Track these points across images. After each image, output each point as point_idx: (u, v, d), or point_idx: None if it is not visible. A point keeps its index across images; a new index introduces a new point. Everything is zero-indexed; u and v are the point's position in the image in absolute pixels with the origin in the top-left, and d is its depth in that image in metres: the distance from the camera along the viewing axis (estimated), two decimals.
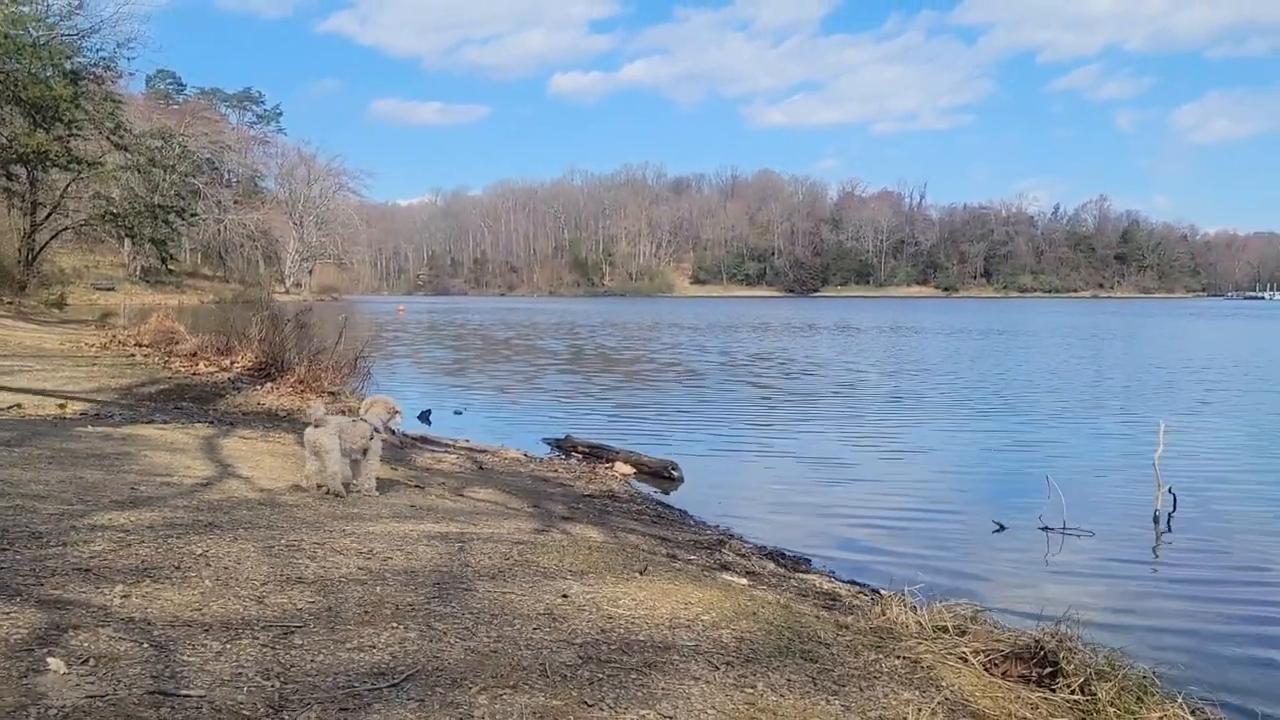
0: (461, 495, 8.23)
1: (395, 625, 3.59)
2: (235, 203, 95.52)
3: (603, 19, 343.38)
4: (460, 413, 16.63)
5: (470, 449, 11.98)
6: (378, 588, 4.06)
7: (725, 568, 6.82)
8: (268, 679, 2.97)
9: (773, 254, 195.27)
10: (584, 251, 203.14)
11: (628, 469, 11.51)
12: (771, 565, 7.54)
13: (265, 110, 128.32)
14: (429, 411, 15.58)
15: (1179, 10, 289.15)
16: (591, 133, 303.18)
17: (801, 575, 7.34)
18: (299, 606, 3.71)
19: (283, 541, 4.80)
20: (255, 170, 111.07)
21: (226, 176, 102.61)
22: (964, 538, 9.00)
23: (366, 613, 3.71)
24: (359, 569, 4.38)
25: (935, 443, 14.49)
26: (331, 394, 12.04)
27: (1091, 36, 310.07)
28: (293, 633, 3.40)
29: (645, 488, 10.89)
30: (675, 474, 11.42)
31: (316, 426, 6.66)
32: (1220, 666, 5.95)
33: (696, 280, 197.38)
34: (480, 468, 10.42)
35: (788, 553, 8.12)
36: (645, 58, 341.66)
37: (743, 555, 7.67)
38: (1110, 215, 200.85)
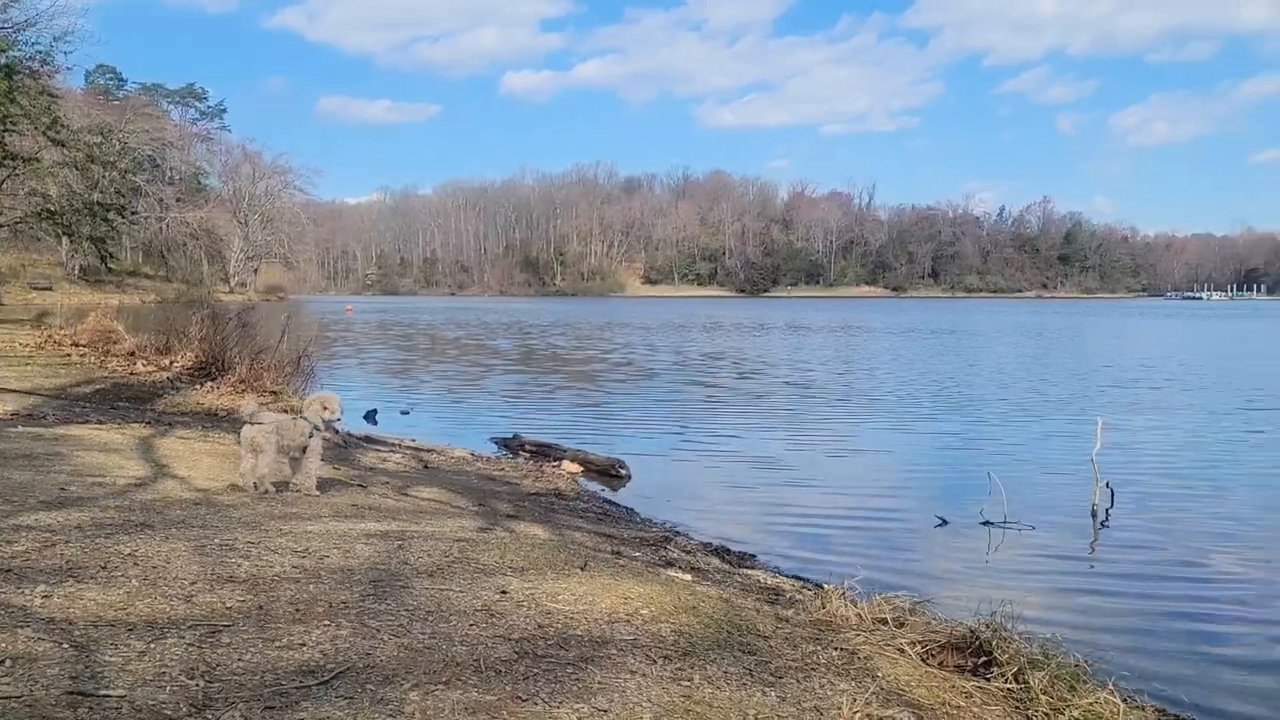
0: (405, 494, 8.14)
1: (328, 623, 3.53)
2: (178, 200, 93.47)
3: (554, 18, 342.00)
4: (407, 412, 16.47)
5: (416, 448, 11.87)
6: (311, 586, 4.00)
7: (670, 564, 6.83)
8: (192, 678, 2.91)
9: (724, 254, 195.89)
10: (535, 251, 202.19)
11: (575, 467, 11.47)
12: (716, 561, 7.56)
13: (209, 107, 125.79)
14: (374, 411, 15.40)
15: (1122, 14, 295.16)
16: (543, 132, 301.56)
17: (746, 571, 7.36)
18: (229, 605, 3.64)
19: (216, 541, 4.70)
20: (198, 168, 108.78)
21: (168, 174, 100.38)
22: (907, 533, 9.10)
23: (299, 611, 3.64)
24: (294, 568, 4.30)
25: (882, 440, 14.65)
26: (273, 393, 11.85)
27: (1037, 40, 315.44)
28: (221, 632, 3.33)
29: (593, 486, 10.86)
30: (623, 472, 11.41)
31: (251, 424, 6.55)
32: (1152, 656, 6.08)
33: (648, 280, 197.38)
34: (426, 467, 10.33)
35: (733, 549, 8.15)
36: (598, 57, 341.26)
37: (688, 552, 7.68)
38: (1054, 217, 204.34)
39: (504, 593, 4.20)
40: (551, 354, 33.64)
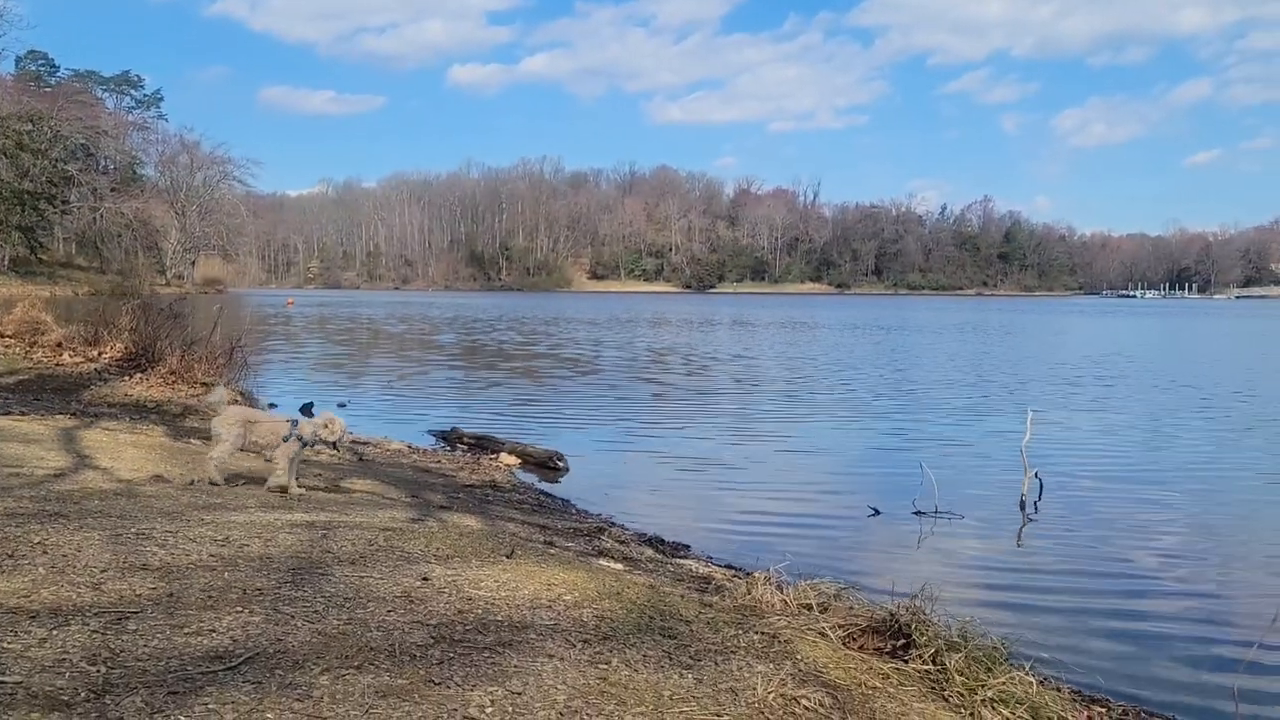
0: (337, 486, 8.04)
1: (240, 610, 3.48)
2: (112, 190, 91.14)
3: (501, 11, 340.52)
4: (344, 405, 16.26)
5: (352, 440, 11.72)
6: (227, 574, 3.93)
7: (603, 554, 6.83)
8: (94, 664, 2.85)
9: (670, 250, 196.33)
10: (481, 246, 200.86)
11: (513, 460, 11.43)
12: (650, 551, 7.59)
13: (145, 95, 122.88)
14: (310, 404, 15.20)
15: (1064, 18, 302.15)
16: (490, 126, 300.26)
17: (679, 560, 7.40)
18: (138, 593, 3.57)
19: (132, 530, 4.60)
20: (134, 157, 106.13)
21: (102, 163, 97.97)
22: (841, 523, 9.21)
23: (211, 598, 3.58)
24: (211, 556, 4.23)
25: (821, 435, 14.79)
26: (205, 385, 11.63)
27: (981, 42, 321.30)
28: (128, 618, 3.26)
29: (529, 478, 10.83)
30: (561, 464, 11.39)
31: (215, 414, 6.51)
32: (1072, 640, 6.22)
33: (594, 275, 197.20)
34: (360, 459, 10.22)
35: (666, 539, 8.19)
36: (546, 51, 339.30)
37: (621, 542, 7.70)
38: (994, 216, 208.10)
39: (426, 579, 4.17)
40: (495, 349, 33.45)
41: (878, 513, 9.45)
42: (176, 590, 3.63)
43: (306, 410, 14.82)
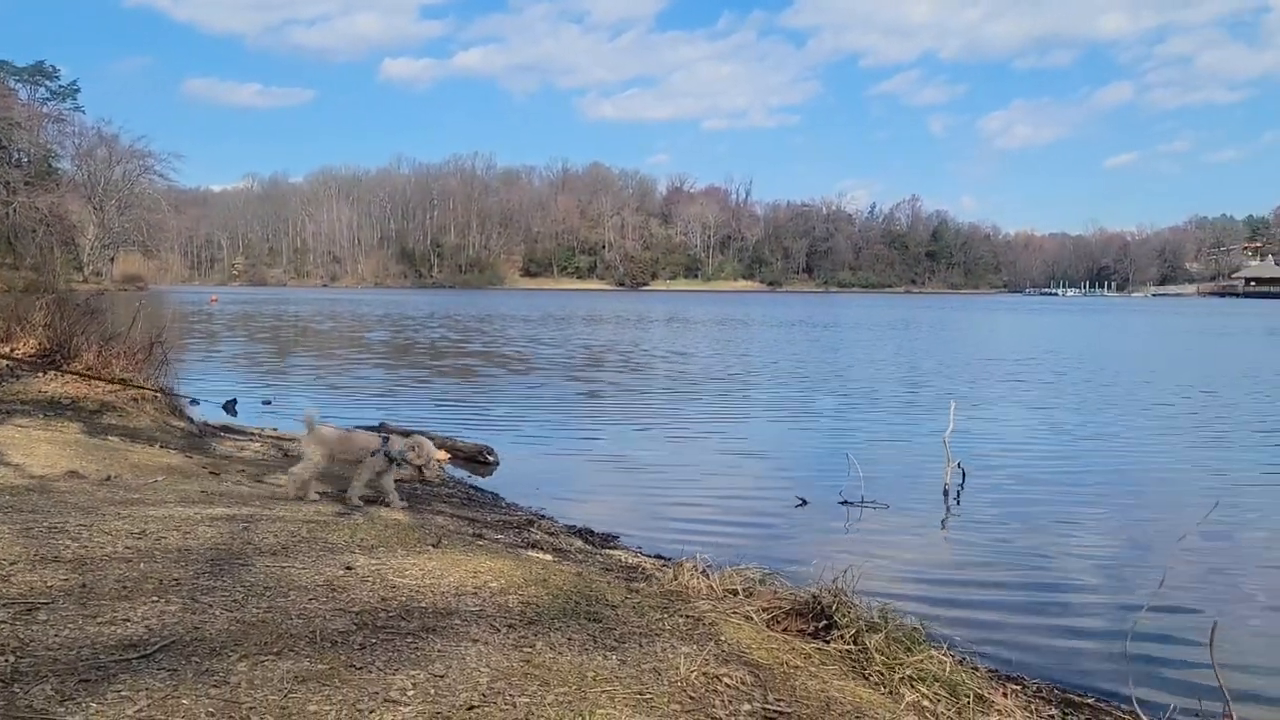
0: (261, 482, 7.92)
1: (156, 599, 3.42)
2: (25, 184, 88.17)
3: (435, 5, 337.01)
4: (269, 402, 15.96)
5: (277, 437, 11.55)
6: (143, 564, 3.86)
7: (532, 545, 6.82)
8: (1, 654, 2.78)
9: (603, 247, 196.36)
10: (411, 242, 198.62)
11: (442, 455, 11.31)
12: (579, 542, 7.60)
13: (61, 86, 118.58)
14: (234, 401, 14.91)
15: (991, 21, 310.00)
16: (421, 121, 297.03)
17: (608, 551, 7.42)
18: (49, 584, 3.49)
19: (44, 524, 4.49)
20: (48, 150, 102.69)
21: (15, 156, 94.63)
22: (769, 514, 9.32)
23: (125, 588, 3.52)
24: (126, 548, 4.14)
25: (751, 429, 14.93)
26: (122, 381, 11.32)
27: (911, 43, 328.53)
28: (38, 609, 3.19)
29: (459, 473, 10.77)
30: (490, 459, 11.34)
31: (309, 431, 6.67)
32: (990, 622, 6.41)
33: (527, 273, 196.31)
34: (286, 455, 10.04)
35: (596, 530, 8.21)
36: (479, 46, 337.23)
37: (551, 534, 7.70)
38: (921, 215, 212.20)
39: (349, 569, 4.14)
40: (428, 346, 33.11)
41: (805, 503, 9.59)
42: (90, 581, 3.55)
43: (230, 407, 14.54)
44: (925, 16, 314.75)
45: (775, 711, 3.25)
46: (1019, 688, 5.27)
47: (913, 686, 4.10)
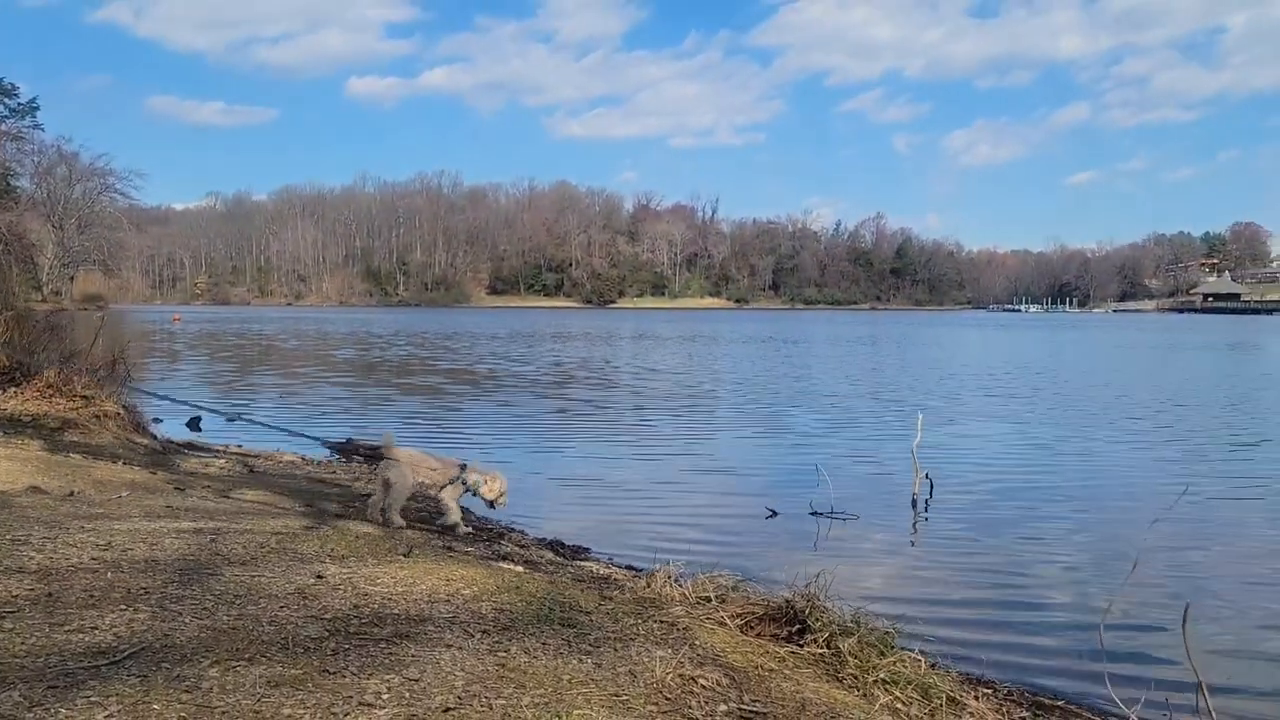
0: (227, 497, 7.81)
1: (124, 608, 3.37)
2: None
3: (401, 23, 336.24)
4: (234, 420, 15.75)
5: (242, 453, 11.43)
6: (110, 574, 3.81)
7: (504, 558, 6.79)
8: None
9: (570, 265, 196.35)
10: (377, 261, 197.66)
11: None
12: (550, 554, 7.57)
13: (19, 104, 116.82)
14: (199, 418, 14.72)
15: (953, 41, 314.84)
16: (387, 139, 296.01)
17: (580, 563, 7.40)
18: (14, 594, 3.43)
19: (7, 537, 4.41)
20: (6, 168, 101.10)
21: None
22: (740, 525, 9.34)
23: (93, 598, 3.46)
24: (92, 559, 4.08)
25: (721, 442, 14.97)
26: (85, 398, 11.16)
27: (875, 63, 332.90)
28: (3, 618, 3.14)
29: None
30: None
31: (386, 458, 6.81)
32: (960, 628, 6.47)
33: (494, 291, 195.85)
34: (251, 471, 9.95)
35: (567, 542, 8.18)
36: (445, 64, 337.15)
37: (522, 546, 7.67)
38: (886, 232, 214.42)
39: (320, 577, 4.10)
40: (395, 364, 32.91)
41: (776, 514, 9.62)
42: (56, 590, 3.50)
43: (194, 424, 14.37)
44: (889, 36, 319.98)
45: (751, 712, 3.25)
46: (990, 691, 5.31)
47: (886, 689, 4.12)
